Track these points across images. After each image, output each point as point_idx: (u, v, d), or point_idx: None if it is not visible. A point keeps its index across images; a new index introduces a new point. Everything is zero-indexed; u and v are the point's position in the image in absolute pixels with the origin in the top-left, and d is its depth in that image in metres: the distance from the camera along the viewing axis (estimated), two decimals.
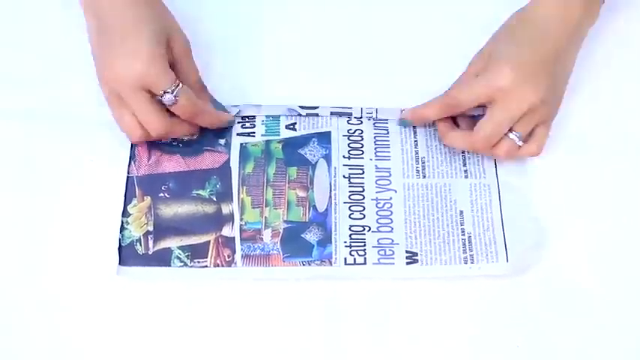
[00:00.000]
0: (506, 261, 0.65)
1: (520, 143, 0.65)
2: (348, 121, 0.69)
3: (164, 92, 0.63)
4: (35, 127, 0.69)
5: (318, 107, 0.70)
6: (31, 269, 0.64)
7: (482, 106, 0.65)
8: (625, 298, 0.65)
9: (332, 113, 0.69)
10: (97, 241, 0.65)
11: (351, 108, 0.70)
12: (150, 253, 0.65)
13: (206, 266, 0.65)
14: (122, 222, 0.66)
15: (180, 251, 0.65)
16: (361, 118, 0.70)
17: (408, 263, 0.65)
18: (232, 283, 0.65)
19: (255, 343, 0.63)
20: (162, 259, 0.65)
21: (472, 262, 0.65)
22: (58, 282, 0.64)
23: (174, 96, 0.63)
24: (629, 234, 0.67)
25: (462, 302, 0.64)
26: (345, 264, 0.65)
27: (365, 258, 0.65)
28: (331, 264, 0.65)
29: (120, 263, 0.65)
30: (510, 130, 0.65)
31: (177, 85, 0.63)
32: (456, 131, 0.68)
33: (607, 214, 0.67)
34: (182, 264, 0.65)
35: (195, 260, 0.65)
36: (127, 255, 0.65)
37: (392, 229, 0.66)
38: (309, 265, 0.65)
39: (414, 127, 0.70)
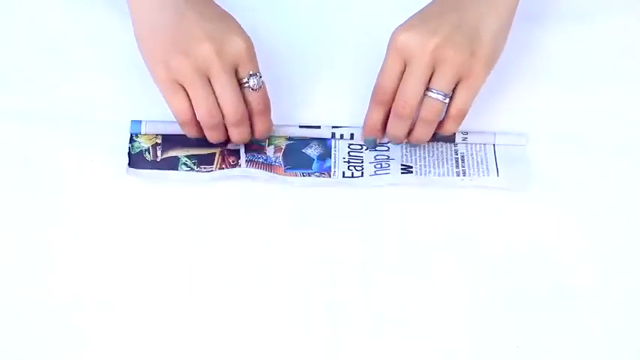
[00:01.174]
0: (497, 175, 0.68)
1: (445, 100, 0.64)
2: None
3: (252, 74, 0.64)
4: (35, 127, 0.69)
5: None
6: (30, 270, 0.64)
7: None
8: (625, 298, 0.64)
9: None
10: (98, 241, 0.65)
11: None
12: (158, 160, 0.69)
13: (211, 171, 0.68)
14: (131, 135, 0.69)
15: (187, 159, 0.69)
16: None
17: (402, 173, 0.68)
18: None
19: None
20: (170, 164, 0.68)
21: (464, 175, 0.68)
22: (59, 284, 0.64)
23: (260, 78, 0.65)
24: (630, 233, 0.67)
25: (461, 302, 0.64)
26: (344, 177, 0.69)
27: (362, 172, 0.69)
28: (330, 176, 0.69)
29: (129, 166, 0.68)
30: (429, 89, 0.64)
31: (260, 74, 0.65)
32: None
33: (607, 214, 0.67)
34: (189, 169, 0.68)
35: (202, 166, 0.68)
36: (135, 160, 0.68)
37: (388, 148, 0.70)
38: (309, 175, 0.68)
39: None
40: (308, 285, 0.64)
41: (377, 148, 0.70)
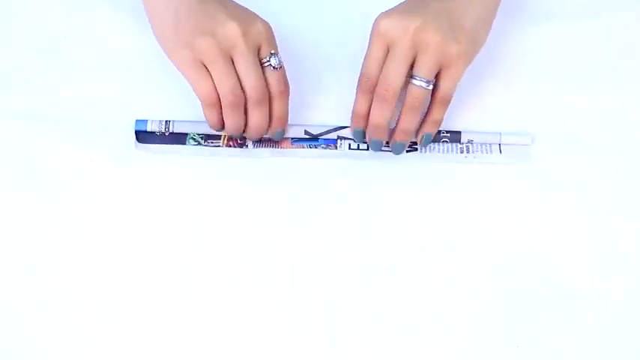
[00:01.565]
0: (500, 152, 0.69)
1: (428, 87, 0.65)
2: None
3: (274, 54, 0.65)
4: (35, 127, 0.69)
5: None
6: (30, 270, 0.64)
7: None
8: (625, 298, 0.64)
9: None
10: (98, 241, 0.65)
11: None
12: (166, 134, 0.70)
13: (219, 146, 0.70)
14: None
15: (195, 134, 0.70)
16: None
17: (407, 151, 0.70)
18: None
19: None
20: (178, 139, 0.70)
21: (468, 152, 0.70)
22: (59, 284, 0.64)
23: (280, 58, 0.66)
24: (630, 233, 0.67)
25: (461, 302, 0.64)
26: (349, 149, 0.70)
27: (368, 146, 0.70)
28: (336, 148, 0.70)
29: (138, 141, 0.69)
30: (412, 77, 0.65)
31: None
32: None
33: (607, 214, 0.67)
34: (196, 143, 0.70)
35: (209, 141, 0.70)
36: (144, 136, 0.70)
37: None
38: (316, 148, 0.70)
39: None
40: (308, 285, 0.64)
41: None
